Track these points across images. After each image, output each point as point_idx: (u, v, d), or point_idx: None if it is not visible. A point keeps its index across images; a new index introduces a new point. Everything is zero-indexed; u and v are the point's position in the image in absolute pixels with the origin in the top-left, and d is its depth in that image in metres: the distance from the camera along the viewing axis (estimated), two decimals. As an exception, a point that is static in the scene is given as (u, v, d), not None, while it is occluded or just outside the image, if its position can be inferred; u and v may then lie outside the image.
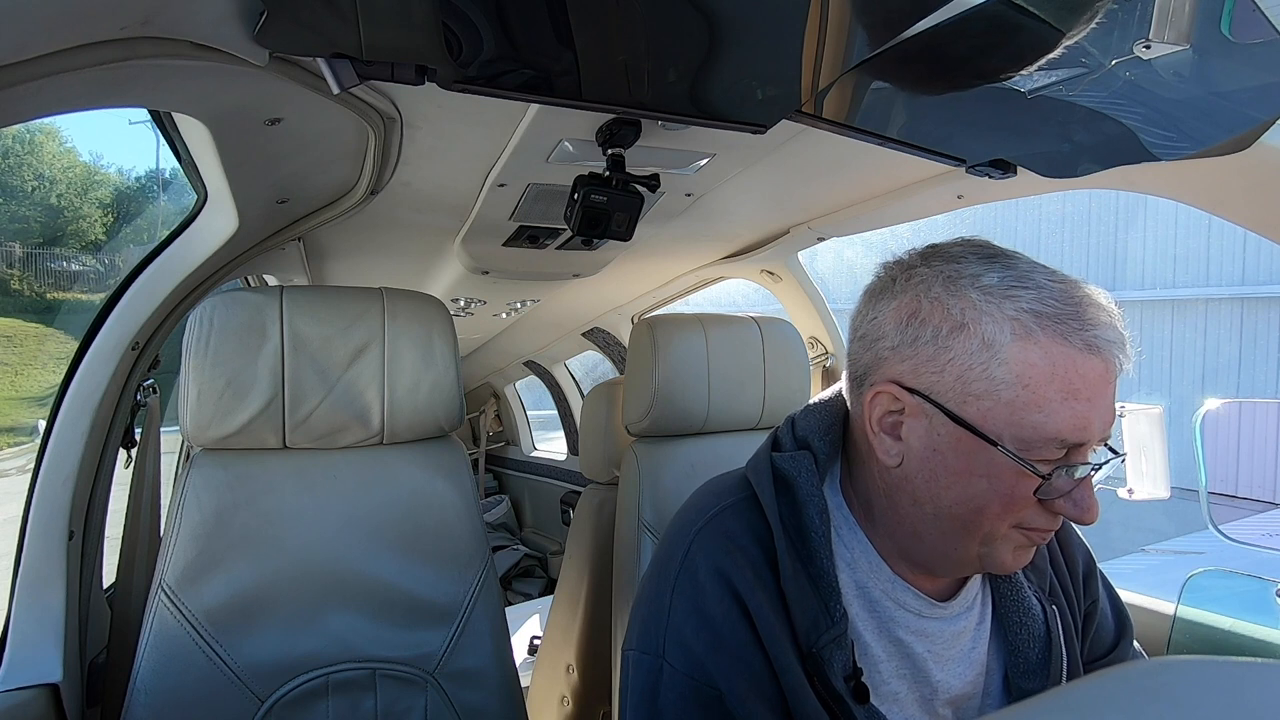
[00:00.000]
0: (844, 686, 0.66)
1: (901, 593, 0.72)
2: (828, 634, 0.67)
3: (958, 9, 0.61)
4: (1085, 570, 0.85)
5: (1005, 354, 0.61)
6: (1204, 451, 1.26)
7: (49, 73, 0.61)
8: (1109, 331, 0.62)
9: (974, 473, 0.64)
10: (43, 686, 1.06)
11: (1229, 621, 1.15)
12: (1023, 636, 0.75)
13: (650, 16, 0.66)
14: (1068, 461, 0.62)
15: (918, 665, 0.72)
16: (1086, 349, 0.61)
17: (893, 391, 0.67)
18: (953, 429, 0.64)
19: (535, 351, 3.31)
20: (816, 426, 0.76)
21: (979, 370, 0.62)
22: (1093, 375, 0.61)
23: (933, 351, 0.64)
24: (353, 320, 1.11)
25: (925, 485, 0.67)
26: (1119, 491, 1.39)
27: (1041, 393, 0.61)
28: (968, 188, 1.30)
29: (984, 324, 0.62)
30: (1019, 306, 0.62)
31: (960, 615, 0.75)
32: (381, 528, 1.10)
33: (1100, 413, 0.62)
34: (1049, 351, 0.61)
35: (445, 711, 1.07)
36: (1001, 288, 0.63)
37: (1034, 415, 0.61)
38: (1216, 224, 6.88)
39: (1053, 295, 0.62)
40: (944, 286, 0.65)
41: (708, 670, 0.67)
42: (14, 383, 11.61)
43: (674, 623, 0.70)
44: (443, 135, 1.11)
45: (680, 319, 1.34)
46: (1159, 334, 8.18)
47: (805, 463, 0.73)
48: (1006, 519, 0.65)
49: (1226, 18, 0.64)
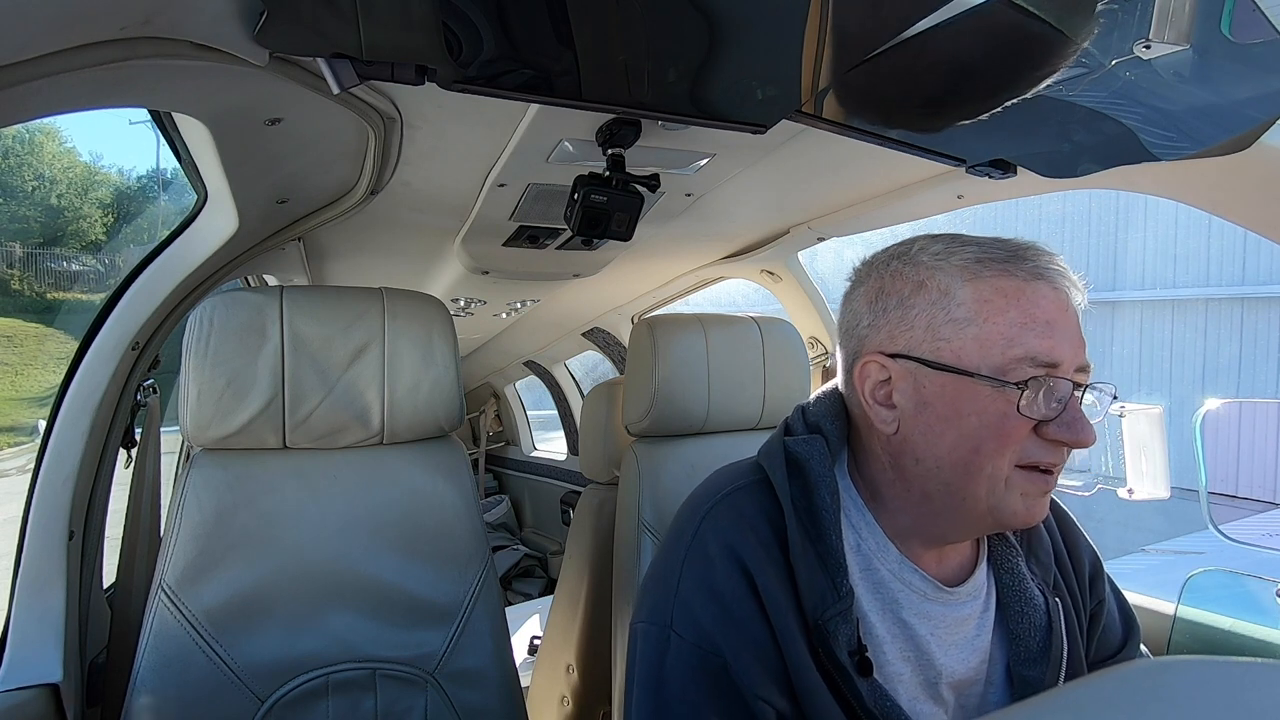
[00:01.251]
0: (848, 660, 0.68)
1: (909, 574, 0.74)
2: (833, 608, 0.69)
3: (957, 9, 0.61)
4: (1092, 571, 0.86)
5: (960, 296, 0.68)
6: (1204, 451, 1.26)
7: (49, 73, 0.61)
8: (1051, 263, 0.69)
9: (962, 413, 0.67)
10: (43, 686, 1.06)
11: (1229, 621, 1.15)
12: (1024, 625, 0.77)
13: (650, 16, 0.66)
14: (1051, 376, 0.66)
15: (921, 647, 0.74)
16: (1032, 277, 0.67)
17: (876, 360, 0.72)
18: (934, 376, 0.69)
19: (535, 351, 3.31)
20: (827, 411, 0.79)
21: (942, 317, 0.69)
22: (1045, 300, 0.67)
23: (900, 314, 0.71)
24: (353, 320, 1.11)
25: (923, 440, 0.70)
26: (1119, 491, 1.39)
27: (1002, 320, 0.66)
28: (968, 188, 1.30)
29: (937, 277, 0.70)
30: (964, 257, 0.70)
31: (965, 602, 0.76)
32: (381, 528, 1.10)
33: (1065, 334, 0.67)
34: (998, 286, 0.67)
35: (445, 711, 1.07)
36: (946, 251, 0.71)
37: (999, 343, 0.66)
38: (1216, 224, 6.88)
39: (993, 246, 0.70)
40: (900, 261, 0.73)
41: (714, 640, 0.70)
42: (14, 383, 11.61)
43: (683, 596, 0.73)
44: (443, 135, 1.11)
45: (680, 319, 1.34)
46: (1159, 334, 8.18)
47: (818, 445, 0.76)
48: (1005, 454, 0.67)
49: (1226, 18, 0.64)
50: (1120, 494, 1.37)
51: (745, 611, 0.70)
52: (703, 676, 0.70)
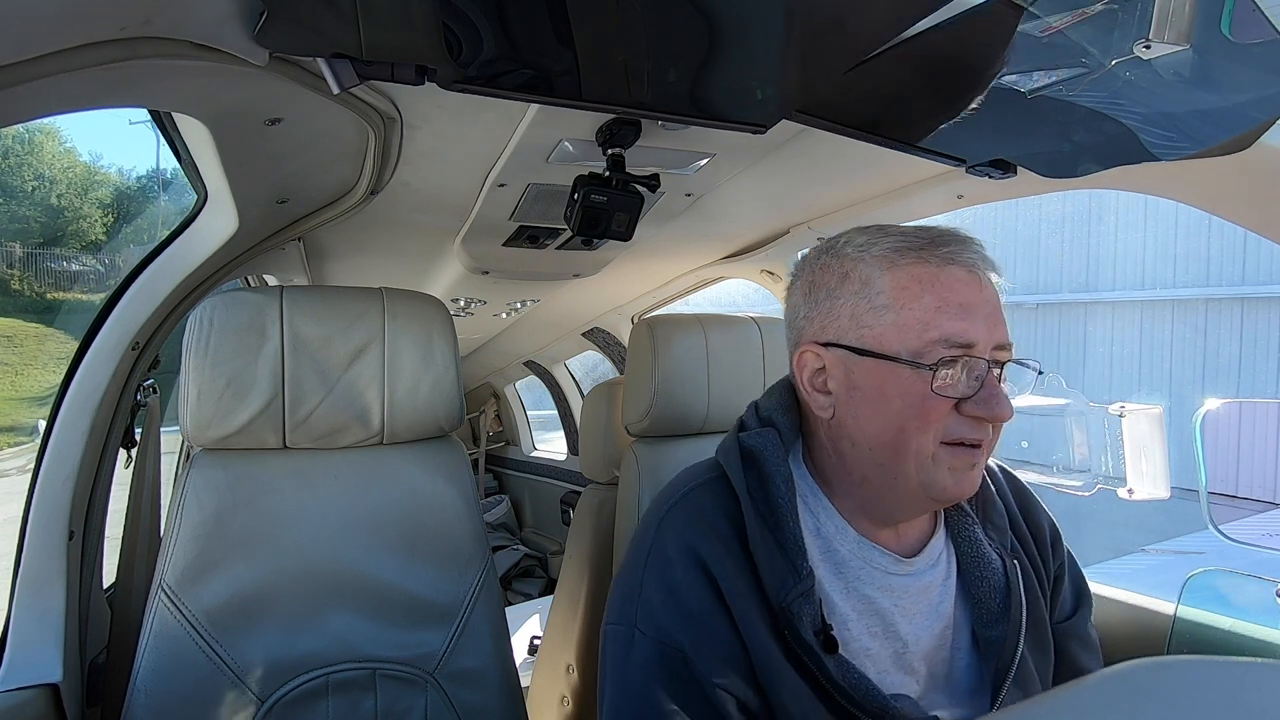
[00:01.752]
0: (814, 639, 0.71)
1: (868, 551, 0.78)
2: (795, 589, 0.71)
3: (957, 9, 0.61)
4: (1052, 536, 0.90)
5: (880, 284, 0.73)
6: (1204, 451, 1.26)
7: (49, 73, 0.61)
8: (964, 248, 0.73)
9: (887, 395, 0.72)
10: (43, 686, 1.06)
11: (1229, 621, 1.15)
12: (984, 588, 0.80)
13: (650, 16, 0.66)
14: (965, 356, 0.70)
15: (887, 621, 0.77)
16: (946, 262, 0.72)
17: (811, 349, 0.78)
18: (861, 362, 0.73)
19: (535, 351, 3.31)
20: (778, 405, 0.84)
21: (864, 305, 0.73)
22: (959, 283, 0.71)
23: (829, 305, 0.76)
24: (353, 320, 1.11)
25: (855, 424, 0.75)
26: (1119, 491, 1.39)
27: (917, 305, 0.71)
28: (968, 188, 1.30)
29: (860, 268, 0.75)
30: (883, 247, 0.74)
31: (925, 571, 0.79)
32: (381, 528, 1.10)
33: (980, 315, 0.71)
34: (914, 273, 0.72)
35: (445, 711, 1.07)
36: (869, 241, 0.76)
37: (916, 327, 0.70)
38: (1216, 224, 6.88)
39: (910, 235, 0.74)
40: (828, 255, 0.79)
41: (674, 635, 0.73)
42: (14, 383, 11.61)
43: (645, 595, 0.76)
44: (443, 135, 1.11)
45: (680, 319, 1.34)
46: (1159, 334, 8.18)
47: (771, 437, 0.80)
48: (928, 432, 0.71)
49: (1226, 18, 0.64)
50: (1120, 494, 1.37)
51: (703, 606, 0.73)
52: (664, 670, 0.72)
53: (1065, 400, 2.46)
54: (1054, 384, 1.77)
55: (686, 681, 0.71)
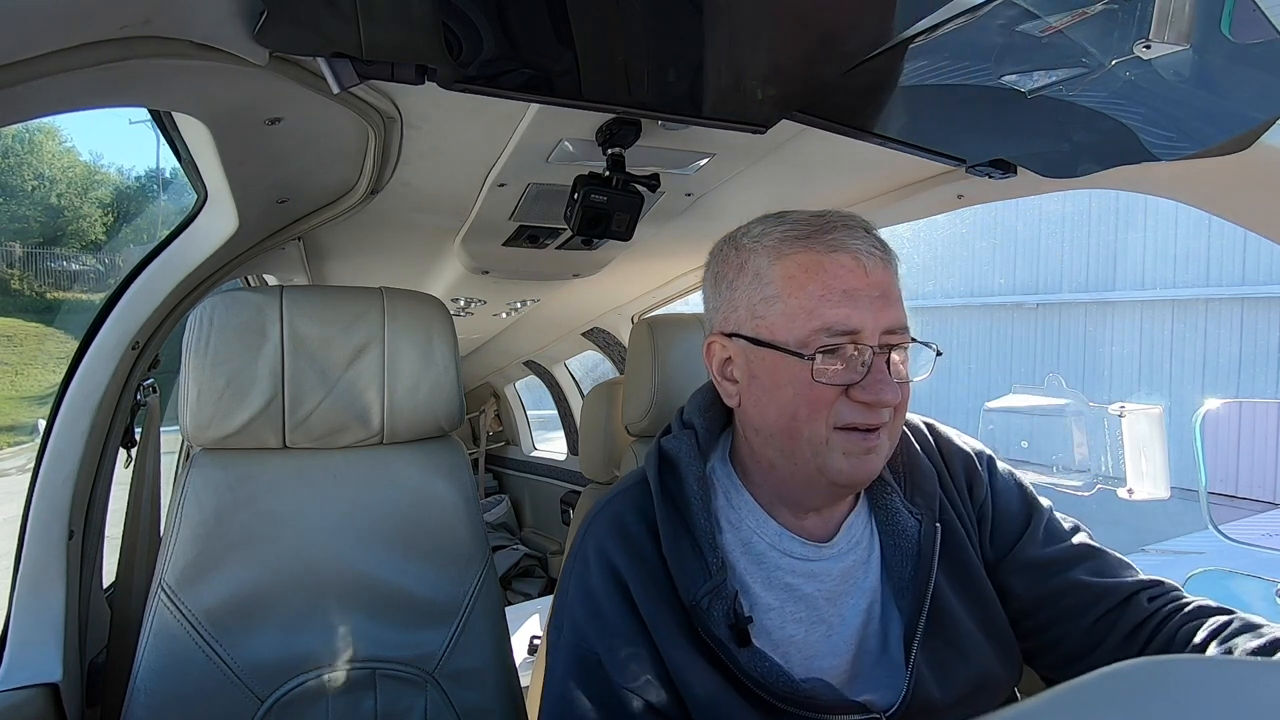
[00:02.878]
0: (726, 633, 0.72)
1: (787, 542, 0.79)
2: (704, 587, 0.73)
3: (957, 9, 0.61)
4: (967, 474, 0.89)
5: (769, 275, 0.74)
6: (1204, 451, 1.26)
7: (50, 72, 0.61)
8: (850, 235, 0.73)
9: (780, 383, 0.73)
10: (42, 686, 1.06)
11: (1229, 621, 1.15)
12: (897, 557, 0.81)
13: (650, 16, 0.66)
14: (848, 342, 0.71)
15: (811, 606, 0.78)
16: (829, 249, 0.72)
17: (718, 340, 0.80)
18: (756, 351, 0.75)
19: (535, 351, 3.31)
20: (697, 407, 0.87)
21: (757, 296, 0.75)
22: (843, 270, 0.72)
23: (730, 295, 0.78)
24: (353, 320, 1.11)
25: (756, 411, 0.77)
26: (1119, 491, 1.39)
27: (802, 294, 0.72)
28: (968, 188, 1.30)
29: (753, 259, 0.76)
30: (773, 237, 0.75)
31: (846, 552, 0.80)
32: (381, 527, 1.10)
33: (864, 302, 0.71)
34: (799, 261, 0.73)
35: (445, 711, 1.07)
36: (764, 232, 0.76)
37: (801, 317, 0.72)
38: (1216, 224, 6.88)
39: (800, 222, 0.75)
40: (729, 246, 0.80)
41: (588, 636, 0.76)
42: (14, 382, 11.61)
43: (568, 601, 0.80)
44: (443, 135, 1.11)
45: (680, 319, 1.34)
46: (1159, 334, 8.18)
47: (686, 441, 0.82)
48: (818, 419, 0.72)
49: (1226, 18, 0.64)
50: (1120, 494, 1.37)
51: (614, 609, 0.75)
52: (580, 670, 0.75)
53: (1065, 400, 2.46)
54: (1054, 384, 1.77)
55: (600, 682, 0.74)
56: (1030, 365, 9.09)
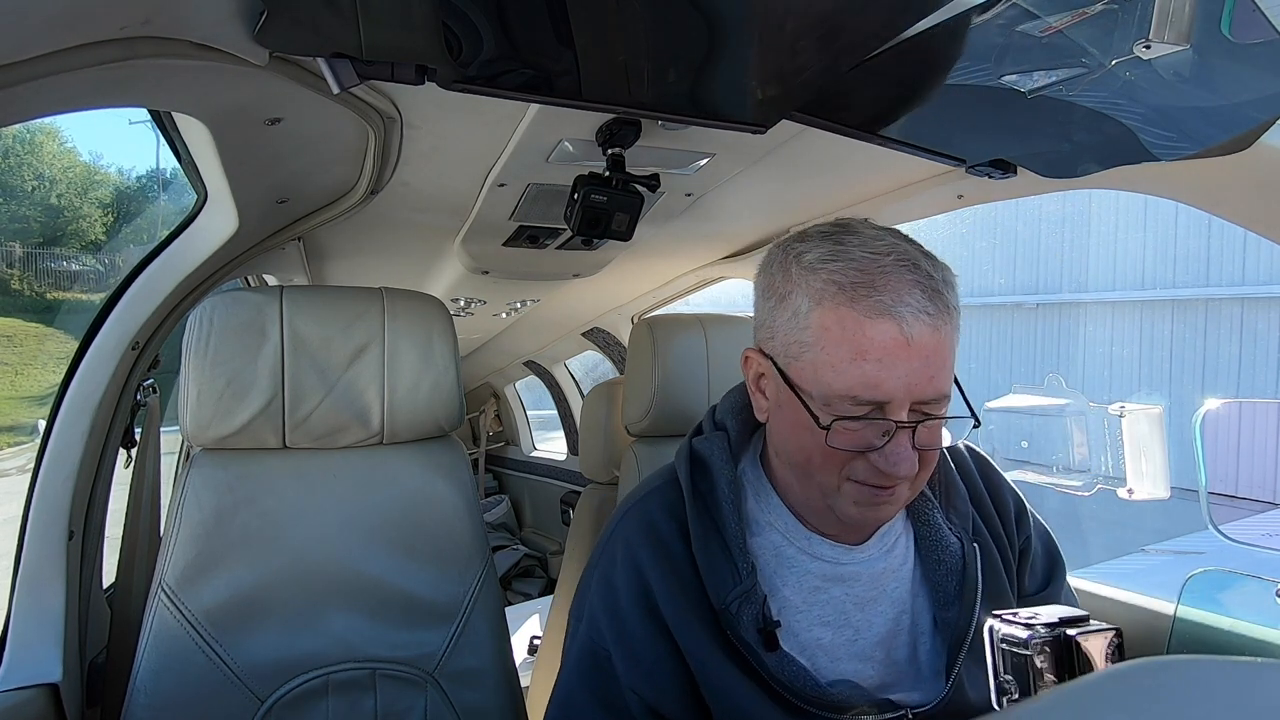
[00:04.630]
0: (754, 636, 0.72)
1: (817, 545, 0.79)
2: (734, 590, 0.73)
3: (957, 9, 0.61)
4: (1017, 511, 0.91)
5: (807, 320, 0.70)
6: (1204, 451, 1.25)
7: (49, 72, 0.61)
8: (904, 297, 0.67)
9: (800, 425, 0.71)
10: (42, 686, 1.06)
11: (1229, 621, 1.15)
12: (940, 572, 0.81)
13: (650, 16, 0.66)
14: (873, 417, 0.68)
15: (839, 609, 0.78)
16: (872, 313, 0.67)
17: (755, 356, 0.77)
18: (785, 387, 0.73)
19: (535, 351, 3.31)
20: (730, 408, 0.86)
21: (794, 336, 0.71)
22: (881, 338, 0.67)
23: (772, 319, 0.75)
24: (353, 320, 1.11)
25: (778, 436, 0.77)
26: (1119, 492, 1.39)
27: (834, 353, 0.68)
28: (968, 188, 1.30)
29: (795, 296, 0.71)
30: (821, 278, 0.70)
31: (878, 558, 0.80)
32: (381, 527, 1.10)
33: (896, 374, 0.67)
34: (839, 316, 0.68)
35: (445, 711, 1.07)
36: (816, 262, 0.71)
37: (828, 374, 0.68)
38: (1216, 224, 6.88)
39: (856, 266, 0.69)
40: (780, 264, 0.75)
41: (602, 632, 0.76)
42: (14, 383, 11.61)
43: (591, 593, 0.80)
44: (443, 135, 1.10)
45: (680, 319, 1.34)
46: (1159, 334, 8.18)
47: (718, 442, 0.82)
48: (830, 469, 0.71)
49: (1226, 18, 0.64)
50: (1120, 494, 1.37)
51: (632, 609, 0.75)
52: (591, 664, 0.76)
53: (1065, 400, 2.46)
54: (1054, 384, 1.77)
55: (608, 679, 0.75)
56: (1030, 365, 9.10)
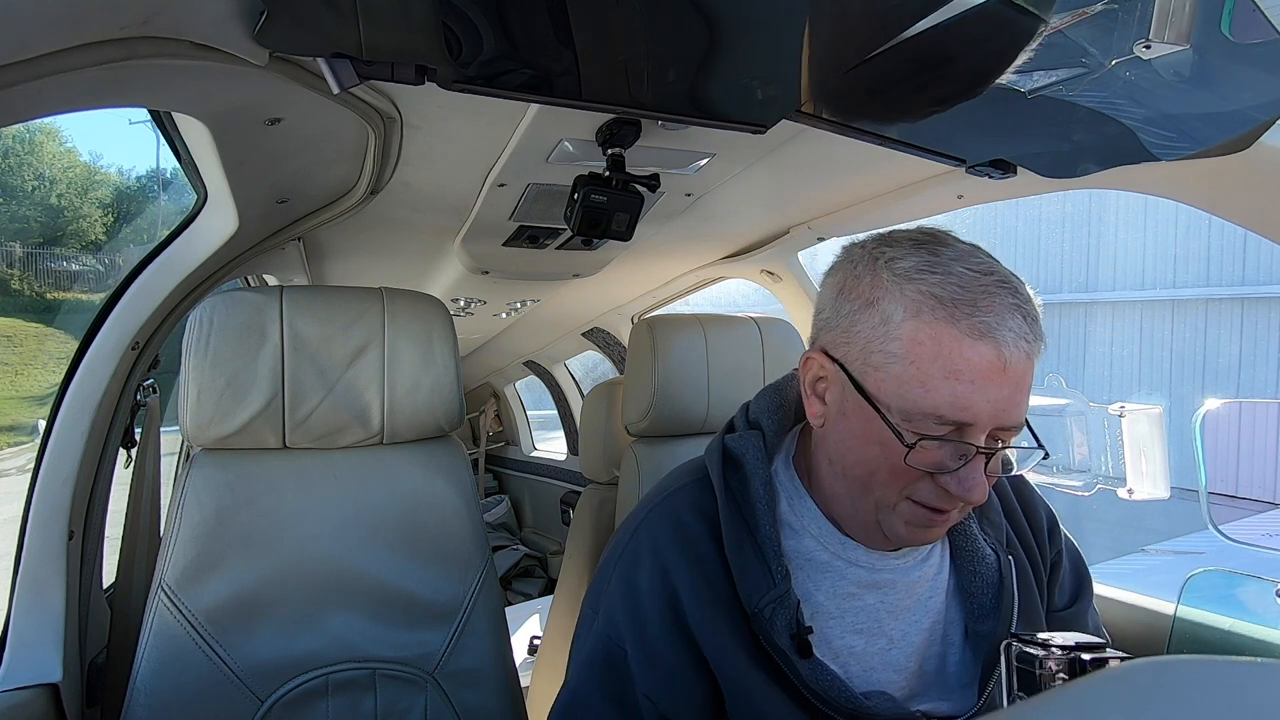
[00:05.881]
0: (788, 643, 0.70)
1: (851, 551, 0.77)
2: (769, 594, 0.71)
3: (958, 9, 0.61)
4: (1049, 525, 0.90)
5: (898, 331, 0.67)
6: (1204, 451, 1.25)
7: (49, 72, 0.61)
8: (1006, 320, 0.65)
9: (869, 438, 0.69)
10: (43, 686, 1.05)
11: (1229, 621, 1.15)
12: (977, 583, 0.80)
13: (650, 16, 0.66)
14: (953, 439, 0.66)
15: (873, 618, 0.77)
16: (973, 334, 0.64)
17: (819, 359, 0.74)
18: (855, 396, 0.70)
19: (535, 351, 3.31)
20: (766, 407, 0.83)
21: (877, 344, 0.68)
22: (978, 360, 0.64)
23: (848, 324, 0.71)
24: (353, 320, 1.11)
25: (836, 446, 0.74)
26: (1119, 491, 1.39)
27: (925, 369, 0.65)
28: (968, 188, 1.30)
29: (886, 302, 0.68)
30: (919, 288, 0.67)
31: (914, 566, 0.79)
32: (381, 527, 1.10)
33: (987, 398, 0.65)
34: (936, 332, 0.65)
35: (445, 711, 1.07)
36: (912, 271, 0.68)
37: (916, 390, 0.66)
38: (1216, 224, 6.88)
39: (956, 282, 0.66)
40: (866, 266, 0.72)
41: (621, 632, 0.74)
42: (14, 383, 11.60)
43: (610, 588, 0.78)
44: (443, 135, 1.11)
45: (680, 319, 1.34)
46: (1159, 334, 8.18)
47: (753, 441, 0.79)
48: (894, 486, 0.69)
49: (1226, 18, 0.64)
50: (1120, 494, 1.37)
51: (655, 614, 0.73)
52: (605, 661, 0.75)
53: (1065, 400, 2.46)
54: (1054, 384, 1.77)
55: (622, 679, 0.73)
56: (1030, 365, 9.08)
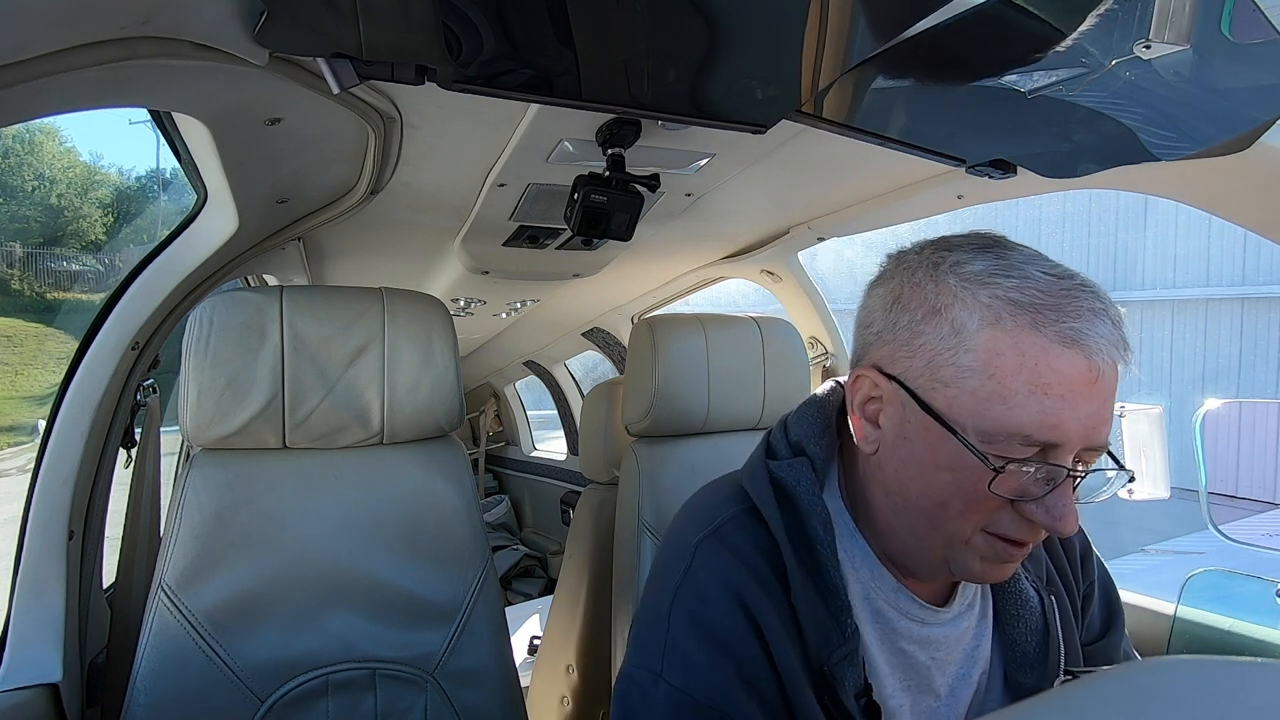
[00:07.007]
0: (854, 705, 0.63)
1: (905, 602, 0.69)
2: (839, 650, 0.63)
3: (958, 9, 0.61)
4: (1083, 552, 0.83)
5: (973, 341, 0.59)
6: (1204, 451, 1.26)
7: (50, 72, 0.61)
8: (1095, 326, 0.58)
9: (939, 464, 0.60)
10: (43, 686, 1.05)
11: (1229, 621, 1.15)
12: (1020, 630, 0.73)
13: (650, 16, 0.66)
14: (1040, 461, 0.58)
15: (921, 675, 0.70)
16: (1061, 341, 0.57)
17: (872, 376, 0.65)
18: (921, 416, 0.61)
19: (535, 351, 3.31)
20: (810, 431, 0.73)
21: (947, 357, 0.60)
22: (1068, 370, 0.57)
23: (908, 336, 0.63)
24: (353, 320, 1.11)
25: (894, 474, 0.65)
26: (1119, 492, 1.38)
27: (1007, 384, 0.57)
28: (968, 188, 1.30)
29: (956, 310, 0.60)
30: (994, 293, 0.59)
31: (960, 616, 0.73)
32: (381, 528, 1.10)
33: (1078, 414, 0.57)
34: (1018, 341, 0.57)
35: (445, 711, 1.06)
36: (983, 275, 0.60)
37: (997, 407, 0.57)
38: (1216, 224, 6.87)
39: (1036, 285, 0.58)
40: (926, 272, 0.63)
41: (710, 686, 0.62)
42: (14, 383, 11.60)
43: (674, 638, 0.65)
44: (443, 135, 1.11)
45: (680, 319, 1.34)
46: (1159, 334, 8.18)
47: (804, 471, 0.69)
48: (970, 518, 0.61)
49: (1226, 18, 0.64)
50: (1120, 494, 1.37)
51: (748, 653, 0.63)
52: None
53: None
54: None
55: None
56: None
